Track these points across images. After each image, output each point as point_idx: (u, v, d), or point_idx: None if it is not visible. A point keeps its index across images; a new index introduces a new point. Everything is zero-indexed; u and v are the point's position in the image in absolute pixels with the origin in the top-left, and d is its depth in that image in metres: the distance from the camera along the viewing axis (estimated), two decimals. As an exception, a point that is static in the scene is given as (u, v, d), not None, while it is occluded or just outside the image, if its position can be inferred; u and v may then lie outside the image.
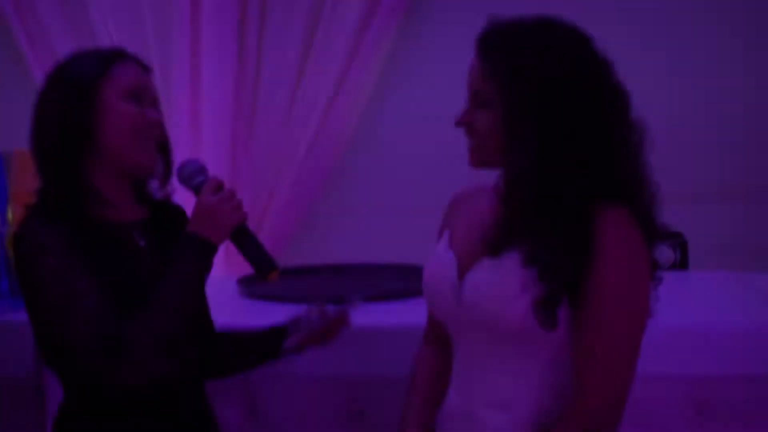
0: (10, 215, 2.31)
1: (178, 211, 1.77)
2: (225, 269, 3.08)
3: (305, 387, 2.02)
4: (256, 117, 3.55)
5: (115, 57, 1.62)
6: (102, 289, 1.48)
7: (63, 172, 1.56)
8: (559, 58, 1.40)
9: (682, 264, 2.92)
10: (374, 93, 3.53)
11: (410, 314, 2.00)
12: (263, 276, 1.58)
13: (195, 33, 3.47)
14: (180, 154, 1.59)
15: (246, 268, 1.69)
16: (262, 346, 1.80)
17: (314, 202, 3.56)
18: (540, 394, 1.45)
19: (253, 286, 2.43)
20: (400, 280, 2.34)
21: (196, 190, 1.59)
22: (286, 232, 3.53)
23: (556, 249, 1.38)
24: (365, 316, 1.83)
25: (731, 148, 3.38)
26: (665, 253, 2.72)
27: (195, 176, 1.60)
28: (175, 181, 1.67)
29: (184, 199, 1.71)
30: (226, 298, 2.38)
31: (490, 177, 1.53)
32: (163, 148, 1.66)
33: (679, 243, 2.89)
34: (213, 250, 1.53)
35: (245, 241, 1.58)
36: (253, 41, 3.51)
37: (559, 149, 1.39)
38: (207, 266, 1.54)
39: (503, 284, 1.42)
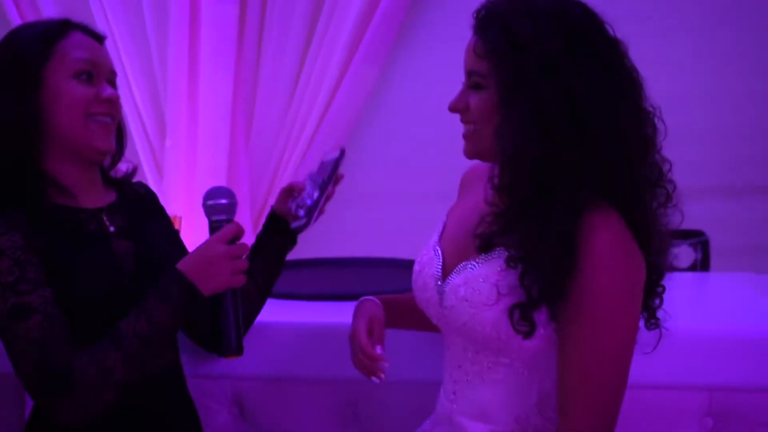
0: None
1: (147, 191, 1.71)
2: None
3: (296, 389, 1.94)
4: (255, 110, 3.52)
5: (60, 31, 1.51)
6: (55, 302, 1.39)
7: (14, 160, 1.47)
8: (561, 34, 1.29)
9: (703, 264, 2.80)
10: (375, 87, 3.49)
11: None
12: (223, 353, 1.48)
13: (194, 25, 3.43)
14: (177, 148, 1.51)
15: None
16: (275, 251, 1.73)
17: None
18: (520, 404, 1.40)
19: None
20: (400, 276, 2.24)
21: (213, 227, 1.48)
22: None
23: (540, 252, 1.28)
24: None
25: (760, 144, 3.31)
26: (685, 253, 2.62)
27: (219, 212, 1.48)
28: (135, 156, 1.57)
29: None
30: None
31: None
32: (118, 126, 1.58)
33: (700, 242, 2.76)
34: (196, 298, 1.42)
35: (227, 309, 1.47)
36: (253, 34, 3.47)
37: (557, 136, 1.28)
38: (183, 313, 1.42)
39: (481, 288, 1.35)
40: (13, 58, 1.48)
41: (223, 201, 1.48)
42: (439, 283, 1.45)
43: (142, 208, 1.65)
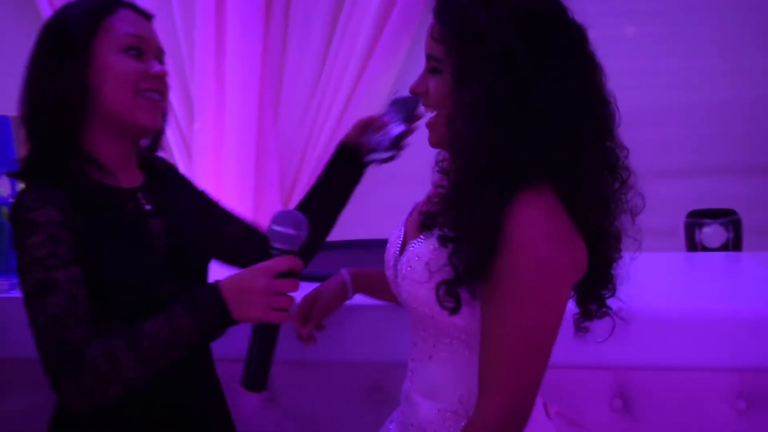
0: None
1: (168, 166, 1.70)
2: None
3: (325, 373, 1.95)
4: (282, 92, 3.52)
5: (108, 7, 1.50)
6: (82, 281, 1.38)
7: (60, 137, 1.47)
8: (516, 22, 1.26)
9: (735, 244, 2.75)
10: (404, 63, 3.48)
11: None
12: (246, 386, 1.40)
13: (220, 6, 3.41)
14: (205, 131, 1.51)
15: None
16: (341, 184, 1.76)
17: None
18: (464, 384, 1.39)
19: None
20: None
21: (270, 254, 1.40)
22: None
23: (467, 230, 1.27)
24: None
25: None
26: (717, 232, 2.58)
27: (282, 241, 1.39)
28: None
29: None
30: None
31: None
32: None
33: (732, 221, 2.72)
34: (226, 319, 1.37)
35: (260, 344, 1.39)
36: (280, 14, 3.46)
37: (507, 123, 1.26)
38: (212, 328, 1.37)
39: (416, 267, 1.36)
40: (61, 33, 1.47)
41: (291, 231, 1.39)
42: (398, 260, 1.45)
43: (168, 185, 1.64)
